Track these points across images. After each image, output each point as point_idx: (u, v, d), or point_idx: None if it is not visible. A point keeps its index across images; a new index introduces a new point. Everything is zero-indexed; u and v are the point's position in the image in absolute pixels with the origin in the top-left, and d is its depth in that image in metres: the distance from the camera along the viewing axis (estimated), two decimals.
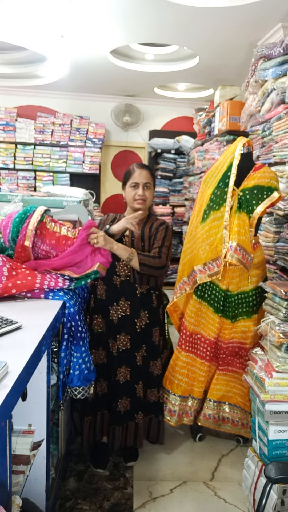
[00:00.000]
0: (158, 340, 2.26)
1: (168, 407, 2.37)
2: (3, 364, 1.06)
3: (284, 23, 3.29)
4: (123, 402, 2.15)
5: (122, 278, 2.14)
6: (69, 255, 1.87)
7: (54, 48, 4.15)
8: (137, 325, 2.16)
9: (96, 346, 2.17)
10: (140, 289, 2.16)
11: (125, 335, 2.15)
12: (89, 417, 2.18)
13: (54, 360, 1.93)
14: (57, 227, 1.91)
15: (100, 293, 2.17)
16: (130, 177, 2.19)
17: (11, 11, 3.36)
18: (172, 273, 5.79)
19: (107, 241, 1.96)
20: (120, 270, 2.13)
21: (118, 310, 2.14)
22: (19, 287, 1.72)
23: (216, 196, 2.20)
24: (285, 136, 2.70)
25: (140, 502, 2.00)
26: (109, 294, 2.15)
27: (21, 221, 1.83)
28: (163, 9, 3.23)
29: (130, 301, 2.14)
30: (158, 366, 2.26)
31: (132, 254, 2.06)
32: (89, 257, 1.93)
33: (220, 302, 2.28)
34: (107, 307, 2.15)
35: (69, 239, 1.90)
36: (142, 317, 2.17)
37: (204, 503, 2.02)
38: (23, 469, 1.38)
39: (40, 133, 5.87)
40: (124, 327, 2.14)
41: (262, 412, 1.76)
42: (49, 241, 1.87)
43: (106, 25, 3.64)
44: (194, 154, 5.35)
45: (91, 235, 1.92)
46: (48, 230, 1.88)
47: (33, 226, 1.82)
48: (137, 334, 2.16)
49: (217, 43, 3.93)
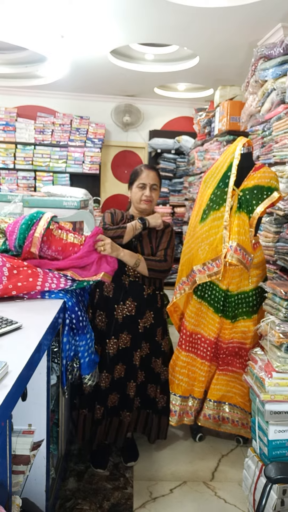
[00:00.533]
0: (161, 339, 2.27)
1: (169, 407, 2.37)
2: (3, 364, 1.06)
3: (284, 23, 3.28)
4: (112, 397, 2.17)
5: (131, 278, 2.15)
6: (75, 260, 1.87)
7: (54, 48, 4.15)
8: (140, 325, 2.17)
9: (98, 343, 2.16)
10: (147, 290, 2.18)
11: (127, 334, 2.15)
12: (84, 410, 2.18)
13: (54, 360, 1.93)
14: (63, 234, 1.91)
15: (107, 290, 2.17)
16: (137, 178, 2.19)
17: (11, 11, 3.36)
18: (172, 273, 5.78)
19: (113, 249, 1.97)
20: (129, 270, 2.13)
21: (123, 310, 2.15)
22: (19, 289, 1.71)
23: (216, 196, 2.20)
24: (285, 136, 2.70)
25: (140, 502, 2.00)
26: (116, 292, 2.16)
27: (27, 227, 1.82)
28: (163, 9, 3.23)
29: (137, 301, 2.15)
30: (159, 364, 2.26)
31: (139, 260, 2.08)
32: (94, 264, 1.92)
33: (220, 302, 2.28)
34: (113, 305, 2.15)
35: (76, 246, 1.90)
36: (147, 317, 2.19)
37: (204, 503, 2.02)
38: (23, 469, 1.38)
39: (40, 133, 5.87)
40: (127, 327, 2.15)
41: (262, 412, 1.76)
42: (55, 247, 1.87)
43: (106, 25, 3.64)
44: (194, 154, 5.35)
45: (98, 243, 1.93)
46: (55, 237, 1.87)
47: (39, 233, 1.81)
48: (139, 334, 2.17)
49: (217, 43, 3.93)
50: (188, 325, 2.36)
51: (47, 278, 1.77)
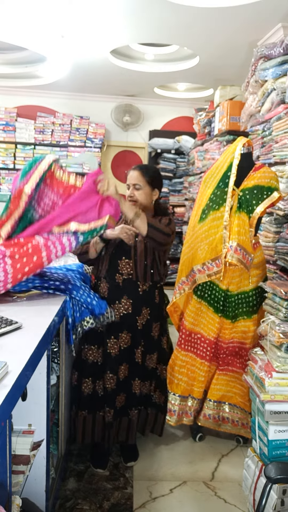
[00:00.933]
0: (158, 335, 2.26)
1: (168, 407, 2.37)
2: (3, 364, 1.06)
3: (284, 23, 3.28)
4: (119, 398, 2.17)
5: (124, 277, 2.14)
6: (75, 202, 1.78)
7: (54, 48, 4.15)
8: (138, 322, 2.16)
9: (94, 344, 2.17)
10: (142, 286, 2.16)
11: (127, 333, 2.15)
12: (83, 412, 2.18)
13: (54, 360, 1.93)
14: (65, 175, 1.84)
15: (102, 292, 2.17)
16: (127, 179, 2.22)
17: (11, 11, 3.36)
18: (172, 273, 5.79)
19: (116, 191, 1.89)
20: (122, 269, 2.13)
21: (120, 309, 2.14)
22: (29, 273, 1.67)
23: (216, 196, 2.20)
24: (285, 136, 2.70)
25: (140, 502, 2.00)
26: (111, 292, 2.15)
27: (30, 167, 1.78)
28: (163, 9, 3.23)
29: (132, 299, 2.14)
30: (154, 359, 2.25)
31: (139, 213, 1.99)
32: (96, 207, 1.83)
33: (220, 302, 2.28)
34: (109, 305, 2.15)
35: (77, 188, 1.83)
36: (143, 314, 2.18)
37: (204, 503, 2.02)
38: (23, 469, 1.38)
39: (40, 133, 5.87)
40: (125, 325, 2.15)
41: (262, 412, 1.76)
42: (56, 189, 1.81)
43: (106, 25, 3.64)
44: (194, 154, 5.35)
45: (100, 182, 1.84)
46: (56, 179, 1.81)
47: (39, 173, 1.75)
48: (137, 331, 2.17)
49: (217, 43, 3.93)
50: (188, 325, 2.36)
51: (49, 248, 1.70)
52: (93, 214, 1.82)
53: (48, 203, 1.82)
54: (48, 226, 1.76)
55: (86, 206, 1.81)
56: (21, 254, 1.65)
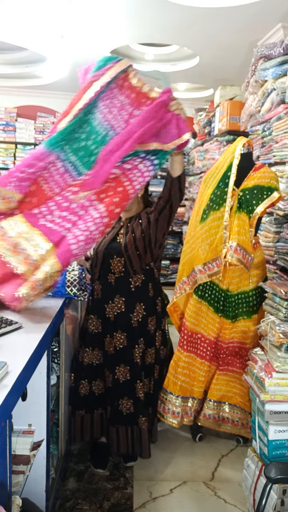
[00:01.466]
0: (154, 329, 2.21)
1: (172, 410, 2.35)
2: (3, 364, 1.06)
3: (284, 23, 3.28)
4: (124, 402, 2.13)
5: (116, 275, 2.12)
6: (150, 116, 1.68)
7: (54, 48, 4.15)
8: (133, 320, 2.14)
9: (91, 346, 2.17)
10: (134, 282, 2.12)
11: (121, 332, 2.13)
12: (81, 412, 2.17)
13: (54, 360, 1.93)
14: (140, 82, 1.74)
15: (96, 292, 2.17)
16: None
17: (11, 11, 3.37)
18: (172, 273, 5.79)
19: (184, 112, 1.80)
20: (114, 268, 2.11)
21: (113, 308, 2.13)
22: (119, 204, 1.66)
23: (216, 196, 2.20)
24: (285, 136, 2.70)
25: (140, 502, 2.00)
26: (104, 292, 2.15)
27: (105, 63, 1.69)
28: (163, 10, 3.23)
29: (124, 296, 2.12)
30: (151, 354, 2.22)
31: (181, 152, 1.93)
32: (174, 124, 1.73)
33: (220, 302, 2.28)
34: (102, 305, 2.15)
35: (149, 99, 1.73)
36: (138, 311, 2.14)
37: (204, 503, 2.02)
38: (23, 469, 1.38)
39: (40, 133, 5.87)
40: (119, 325, 2.13)
41: (262, 412, 1.76)
42: (128, 93, 1.73)
43: (106, 25, 3.64)
44: (194, 154, 5.35)
45: (172, 101, 1.75)
46: (130, 83, 1.73)
47: (115, 71, 1.66)
48: (133, 329, 2.13)
49: (217, 43, 3.92)
50: (189, 325, 2.35)
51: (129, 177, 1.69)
52: (173, 131, 1.75)
53: (117, 105, 1.73)
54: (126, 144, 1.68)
55: (160, 125, 1.73)
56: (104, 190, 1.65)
